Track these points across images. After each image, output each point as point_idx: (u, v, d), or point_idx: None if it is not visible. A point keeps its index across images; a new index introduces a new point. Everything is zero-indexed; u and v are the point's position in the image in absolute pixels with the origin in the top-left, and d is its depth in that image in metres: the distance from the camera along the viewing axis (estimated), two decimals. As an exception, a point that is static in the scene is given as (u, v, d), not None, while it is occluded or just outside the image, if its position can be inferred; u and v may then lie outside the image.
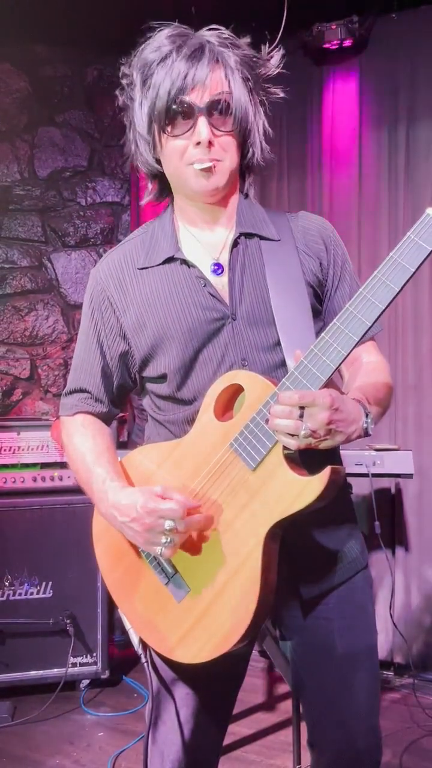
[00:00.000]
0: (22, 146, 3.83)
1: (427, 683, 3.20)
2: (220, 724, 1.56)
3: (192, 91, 1.32)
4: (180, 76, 1.31)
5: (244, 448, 1.28)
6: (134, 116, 1.40)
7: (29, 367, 3.86)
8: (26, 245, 3.87)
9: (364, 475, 2.90)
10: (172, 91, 1.31)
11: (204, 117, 1.33)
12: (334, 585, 1.43)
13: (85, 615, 3.13)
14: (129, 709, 3.08)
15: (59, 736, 2.88)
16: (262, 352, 1.39)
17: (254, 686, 3.22)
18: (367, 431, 1.27)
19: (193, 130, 1.34)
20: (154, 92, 1.34)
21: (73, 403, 1.52)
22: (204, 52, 1.32)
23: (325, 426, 1.18)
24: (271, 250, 1.43)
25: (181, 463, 1.36)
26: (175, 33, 1.36)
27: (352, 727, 1.44)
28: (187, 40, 1.34)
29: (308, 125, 3.65)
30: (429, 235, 1.13)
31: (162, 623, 1.36)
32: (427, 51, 3.32)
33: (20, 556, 3.10)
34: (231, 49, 1.36)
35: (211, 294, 1.40)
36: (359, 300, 1.19)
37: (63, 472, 3.22)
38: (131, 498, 1.31)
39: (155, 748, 1.49)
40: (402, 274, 1.15)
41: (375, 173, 3.49)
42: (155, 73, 1.33)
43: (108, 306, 1.46)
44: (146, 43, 1.38)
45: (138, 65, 1.37)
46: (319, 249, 1.46)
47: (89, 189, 3.95)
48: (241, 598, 1.25)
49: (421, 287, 3.37)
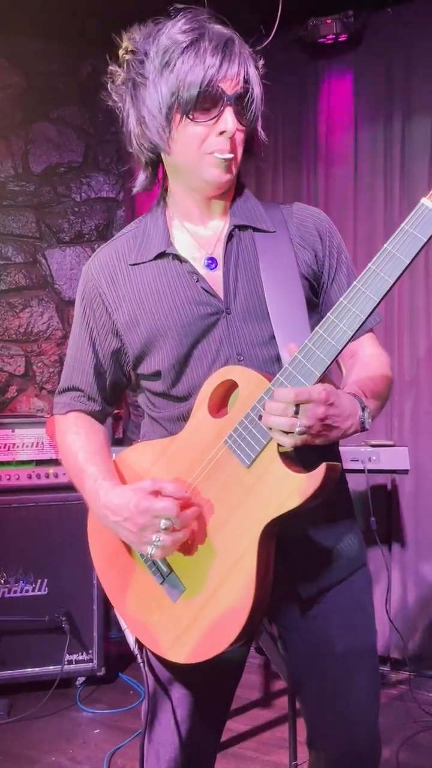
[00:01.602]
0: (16, 142, 3.80)
1: (423, 679, 3.20)
2: (216, 724, 1.55)
3: (224, 80, 1.29)
4: (215, 63, 1.28)
5: (238, 445, 1.26)
6: (146, 95, 1.33)
7: (24, 364, 3.84)
8: (20, 241, 3.85)
9: (360, 471, 2.89)
10: (206, 77, 1.27)
11: (231, 108, 1.31)
12: (333, 583, 1.42)
13: (80, 612, 3.12)
14: (125, 706, 3.07)
15: (55, 733, 2.88)
16: (257, 347, 1.37)
17: (251, 682, 3.22)
18: (364, 426, 1.25)
19: (218, 118, 1.31)
20: (181, 75, 1.28)
21: (65, 402, 1.51)
22: (234, 45, 1.31)
23: (320, 422, 1.17)
24: (265, 243, 1.41)
25: (175, 460, 1.35)
26: (198, 20, 1.32)
27: (351, 727, 1.42)
28: (214, 30, 1.31)
29: (303, 120, 3.63)
30: (424, 225, 1.12)
31: (157, 623, 1.34)
32: (423, 45, 3.31)
33: (15, 554, 3.09)
34: (245, 44, 1.35)
35: (204, 289, 1.38)
36: (353, 293, 1.16)
37: (58, 469, 3.21)
38: (123, 497, 1.29)
39: (151, 747, 1.48)
40: (397, 265, 1.13)
41: (370, 167, 3.48)
42: (183, 55, 1.28)
43: (100, 303, 1.44)
44: (157, 27, 1.33)
45: (159, 44, 1.31)
46: (315, 241, 1.44)
47: (84, 185, 3.93)
48: (237, 598, 1.23)
49: (417, 283, 3.37)
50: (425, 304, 3.37)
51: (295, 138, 3.66)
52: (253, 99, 1.34)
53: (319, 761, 1.50)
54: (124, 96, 1.38)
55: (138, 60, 1.34)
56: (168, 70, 1.30)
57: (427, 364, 3.38)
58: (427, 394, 3.38)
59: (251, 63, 1.34)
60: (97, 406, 1.51)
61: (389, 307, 3.39)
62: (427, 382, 3.38)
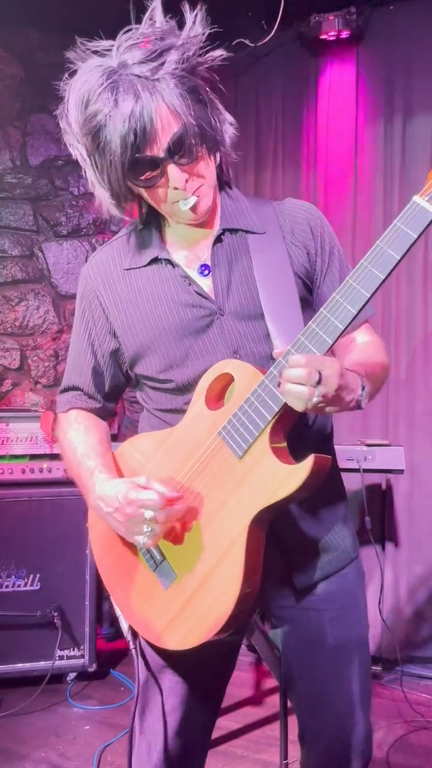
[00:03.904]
0: (14, 134, 3.78)
1: (414, 679, 3.21)
2: (208, 715, 1.56)
3: (148, 143, 1.24)
4: (129, 138, 1.22)
5: (231, 436, 1.28)
6: (92, 171, 1.32)
7: (19, 358, 3.82)
8: (17, 234, 3.83)
9: (355, 471, 2.89)
10: (128, 154, 1.24)
11: (171, 163, 1.27)
12: (327, 574, 1.44)
13: (72, 608, 3.12)
14: (116, 703, 3.07)
15: (45, 729, 2.87)
16: (253, 344, 1.40)
17: (242, 680, 3.21)
18: (360, 404, 1.27)
19: (165, 177, 1.29)
20: (108, 157, 1.26)
21: (66, 400, 1.55)
22: (140, 96, 1.22)
23: (334, 391, 1.17)
24: (258, 243, 1.43)
25: (172, 452, 1.38)
26: (104, 79, 1.24)
27: (342, 720, 1.43)
28: (118, 90, 1.22)
29: (304, 116, 3.62)
30: (415, 222, 1.14)
31: (150, 610, 1.37)
32: (424, 43, 3.30)
33: (8, 548, 3.08)
34: (161, 69, 1.23)
35: (197, 292, 1.40)
36: (345, 288, 1.18)
37: (52, 464, 3.20)
38: (115, 489, 1.31)
39: (143, 738, 1.50)
40: (388, 261, 1.15)
41: (371, 165, 3.47)
42: (103, 136, 1.25)
43: (98, 305, 1.48)
44: (76, 94, 1.28)
45: (81, 129, 1.28)
46: (306, 238, 1.45)
47: (82, 178, 3.88)
48: (226, 585, 1.25)
49: (414, 284, 3.37)
50: (421, 305, 3.37)
51: (295, 134, 3.65)
52: (190, 134, 1.26)
53: (310, 756, 1.51)
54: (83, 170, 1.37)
55: (73, 142, 1.32)
56: (98, 154, 1.28)
57: (423, 365, 3.38)
58: (422, 395, 3.38)
59: (174, 95, 1.23)
60: (97, 404, 1.54)
61: (386, 307, 3.39)
62: (423, 383, 3.38)
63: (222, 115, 1.35)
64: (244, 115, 3.59)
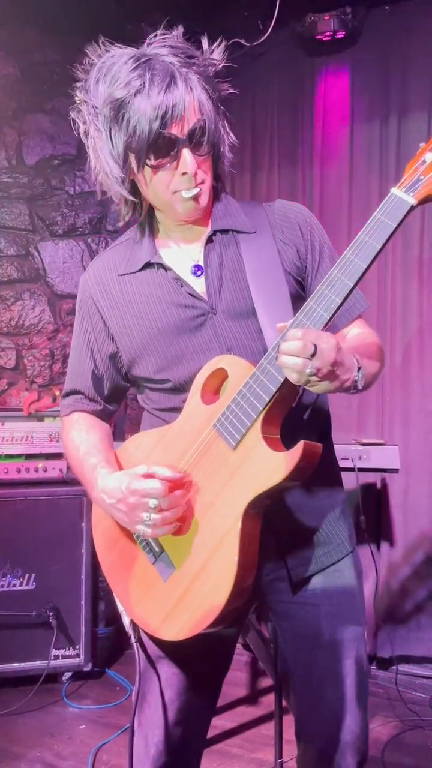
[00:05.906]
0: (9, 133, 3.77)
1: (409, 678, 3.21)
2: (204, 709, 1.58)
3: (173, 123, 1.32)
4: (160, 110, 1.30)
5: (225, 428, 1.31)
6: (104, 146, 1.39)
7: (15, 357, 3.82)
8: (13, 233, 3.82)
9: (350, 470, 2.89)
10: (154, 126, 1.31)
11: (187, 147, 1.34)
12: (321, 567, 1.46)
13: (68, 607, 3.12)
14: (111, 702, 3.07)
15: (40, 728, 2.87)
16: (246, 341, 1.43)
17: (237, 680, 3.22)
18: (356, 385, 1.28)
19: (178, 161, 1.35)
20: (131, 126, 1.32)
21: (68, 404, 1.61)
22: (176, 81, 1.31)
23: (329, 366, 1.19)
24: (248, 243, 1.47)
25: (170, 447, 1.41)
26: (138, 60, 1.33)
27: (338, 716, 1.44)
28: (155, 69, 1.31)
29: (299, 116, 3.63)
30: (393, 213, 1.19)
31: (149, 602, 1.39)
32: (420, 43, 3.30)
33: (3, 548, 3.08)
34: (192, 67, 1.35)
35: (189, 293, 1.44)
36: (329, 280, 1.22)
37: (47, 464, 3.20)
38: (117, 481, 1.35)
39: (140, 731, 1.52)
40: (369, 251, 1.19)
41: (366, 165, 3.48)
42: (130, 106, 1.31)
43: (96, 311, 1.53)
44: (104, 69, 1.35)
45: (106, 98, 1.34)
46: (296, 237, 1.49)
47: (78, 177, 3.90)
48: (220, 576, 1.27)
49: (409, 283, 3.37)
50: (417, 304, 3.37)
51: (290, 135, 3.65)
52: (208, 129, 1.36)
53: (306, 753, 1.52)
54: (86, 143, 1.44)
55: (91, 113, 1.38)
56: (117, 125, 1.35)
57: (418, 365, 3.39)
58: (418, 393, 3.38)
59: (201, 90, 1.34)
60: (99, 406, 1.60)
61: (382, 306, 3.39)
62: (418, 381, 3.39)
63: (229, 134, 1.44)
64: (240, 115, 3.59)
